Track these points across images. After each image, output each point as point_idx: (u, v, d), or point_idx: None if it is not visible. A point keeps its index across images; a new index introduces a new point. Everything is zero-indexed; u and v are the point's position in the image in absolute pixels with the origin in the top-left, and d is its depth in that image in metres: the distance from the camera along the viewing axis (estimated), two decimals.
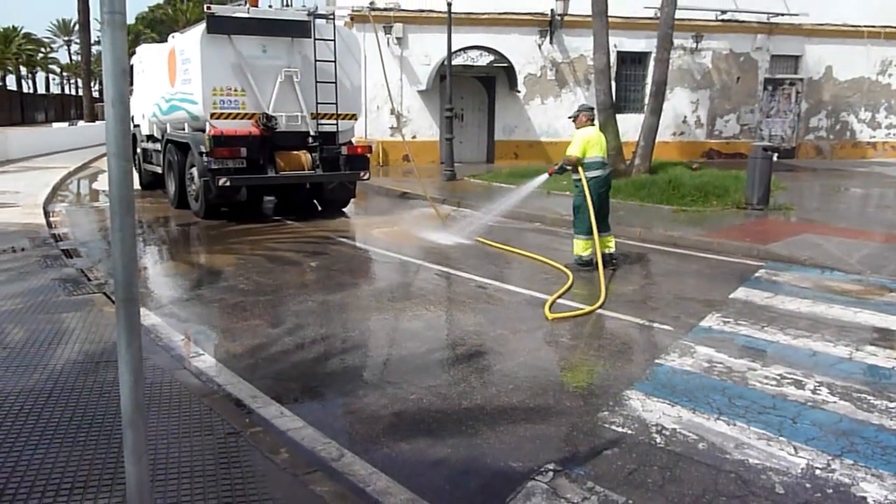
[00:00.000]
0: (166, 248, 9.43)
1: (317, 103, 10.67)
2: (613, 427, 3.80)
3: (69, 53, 75.56)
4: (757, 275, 7.35)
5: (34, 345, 4.72)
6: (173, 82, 11.37)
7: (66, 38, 73.23)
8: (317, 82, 10.62)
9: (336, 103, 10.77)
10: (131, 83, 13.36)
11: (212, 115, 10.22)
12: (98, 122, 33.11)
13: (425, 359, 4.89)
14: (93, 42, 42.64)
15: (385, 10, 17.74)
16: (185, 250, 9.38)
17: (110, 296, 5.93)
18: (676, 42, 17.55)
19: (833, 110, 21.80)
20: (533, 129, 19.59)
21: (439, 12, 16.07)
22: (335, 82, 10.75)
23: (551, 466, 3.35)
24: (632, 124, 16.99)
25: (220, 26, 10.10)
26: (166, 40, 12.65)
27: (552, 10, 18.76)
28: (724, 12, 19.96)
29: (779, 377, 4.50)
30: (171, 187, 12.10)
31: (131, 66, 13.64)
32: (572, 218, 7.75)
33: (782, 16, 20.30)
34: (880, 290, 6.71)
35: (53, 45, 74.01)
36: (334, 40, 10.74)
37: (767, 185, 11.11)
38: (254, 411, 3.98)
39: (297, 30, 10.60)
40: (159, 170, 12.93)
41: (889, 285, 6.84)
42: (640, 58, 19.81)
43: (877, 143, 22.38)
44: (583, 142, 7.40)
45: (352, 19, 17.18)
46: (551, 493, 3.13)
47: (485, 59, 18.16)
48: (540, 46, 19.28)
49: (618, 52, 18.75)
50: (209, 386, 4.30)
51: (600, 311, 6.04)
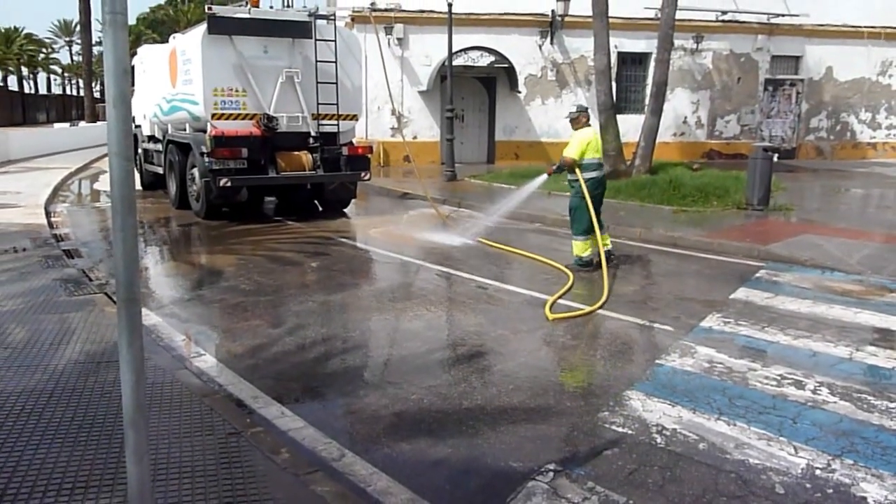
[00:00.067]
0: (167, 249, 9.44)
1: (318, 104, 10.67)
2: (614, 427, 3.80)
3: (70, 54, 75.80)
4: (757, 275, 7.35)
5: (36, 345, 4.73)
6: (174, 83, 11.38)
7: (68, 39, 73.39)
8: (318, 83, 10.63)
9: (337, 104, 10.78)
10: (133, 83, 13.38)
11: (213, 116, 10.22)
12: (99, 123, 33.16)
13: (426, 359, 4.90)
14: (94, 42, 42.67)
15: (386, 10, 17.77)
16: (186, 250, 9.39)
17: (111, 296, 5.95)
18: (677, 43, 17.57)
19: (833, 111, 21.81)
20: (533, 130, 19.60)
21: (440, 13, 16.08)
22: (336, 83, 10.76)
23: (552, 466, 3.36)
24: (632, 125, 17.00)
25: (221, 27, 10.10)
26: (167, 41, 12.67)
27: (553, 10, 18.78)
28: (724, 13, 19.97)
29: (779, 377, 4.50)
30: (173, 188, 12.13)
31: (132, 67, 13.66)
32: (569, 219, 7.75)
33: (783, 16, 20.31)
34: (880, 290, 6.71)
35: (55, 46, 74.32)
36: (335, 41, 10.74)
37: (768, 185, 11.11)
38: (255, 411, 3.99)
39: (298, 30, 10.61)
40: (160, 170, 12.95)
41: (889, 286, 6.85)
42: (640, 58, 19.81)
43: (877, 143, 22.38)
44: (581, 144, 7.39)
45: (352, 20, 17.20)
46: (552, 493, 3.13)
47: (485, 60, 18.17)
48: (540, 47, 19.29)
49: (618, 53, 18.75)
50: (210, 386, 4.31)
51: (601, 311, 6.04)
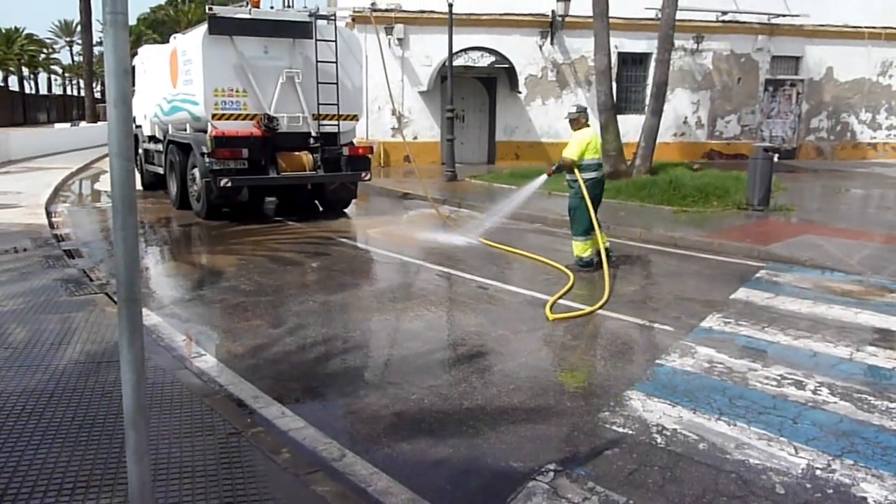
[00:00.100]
0: (168, 249, 9.44)
1: (318, 104, 10.67)
2: (614, 427, 3.80)
3: (71, 54, 75.84)
4: (758, 275, 7.35)
5: (36, 345, 4.73)
6: (175, 83, 11.38)
7: (68, 39, 73.43)
8: (318, 83, 10.63)
9: (337, 104, 10.78)
10: (133, 84, 13.39)
11: (213, 116, 10.22)
12: (100, 123, 33.19)
13: (426, 359, 4.90)
14: (95, 43, 42.68)
15: (386, 10, 17.79)
16: (186, 251, 9.39)
17: (112, 296, 5.95)
18: (677, 43, 17.58)
19: (834, 111, 21.80)
20: (534, 130, 19.60)
21: (440, 13, 16.09)
22: (336, 83, 10.76)
23: (552, 466, 3.36)
24: (633, 125, 17.00)
25: (221, 27, 10.10)
26: (168, 41, 12.67)
27: (553, 11, 18.79)
28: (724, 13, 19.98)
29: (779, 378, 4.50)
30: (173, 188, 12.13)
31: (133, 67, 13.67)
32: (568, 220, 7.75)
33: (783, 17, 20.31)
34: (881, 290, 6.71)
35: (55, 46, 74.38)
36: (335, 41, 10.74)
37: (768, 185, 11.11)
38: (255, 411, 3.99)
39: (299, 31, 10.61)
40: (161, 170, 12.95)
41: (889, 286, 6.84)
42: (640, 59, 19.81)
43: (877, 144, 22.38)
44: (581, 144, 7.39)
45: (353, 20, 17.21)
46: (552, 493, 3.13)
47: (486, 60, 18.17)
48: (541, 47, 19.30)
49: (619, 53, 18.74)
50: (211, 386, 4.31)
51: (601, 311, 6.04)
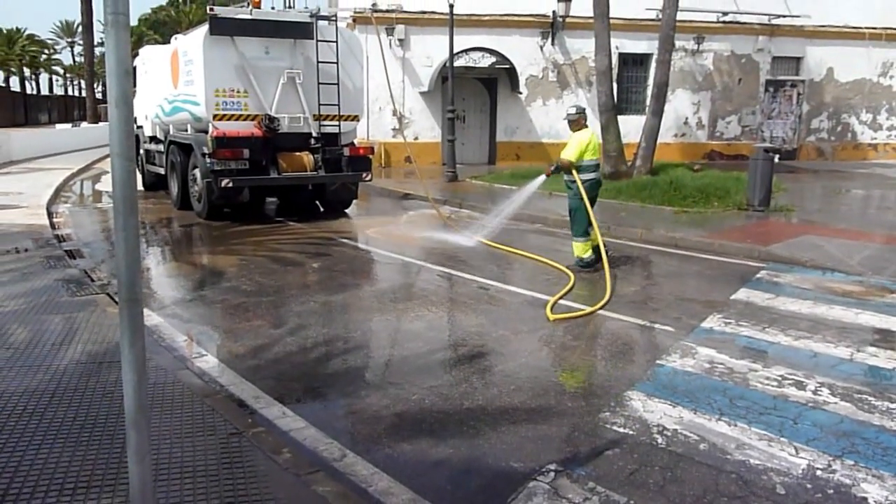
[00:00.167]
0: (169, 249, 9.45)
1: (319, 105, 10.68)
2: (615, 427, 3.81)
3: (72, 55, 75.86)
4: (758, 276, 7.35)
5: (38, 345, 4.74)
6: (176, 84, 11.39)
7: (70, 40, 73.46)
8: (319, 84, 10.64)
9: (338, 105, 10.79)
10: (134, 84, 13.40)
11: (214, 117, 10.23)
12: (101, 124, 33.25)
13: (427, 359, 4.90)
14: (96, 43, 42.78)
15: (387, 11, 17.81)
16: (187, 251, 9.40)
17: (113, 296, 5.96)
18: (678, 44, 17.58)
19: (834, 112, 21.80)
20: (535, 131, 19.61)
21: (441, 14, 16.11)
22: (337, 84, 10.76)
23: (553, 467, 3.36)
24: (633, 126, 17.00)
25: (222, 28, 10.11)
26: (169, 42, 12.68)
27: (554, 11, 18.80)
28: (725, 14, 19.98)
29: (780, 378, 4.50)
30: (174, 188, 12.14)
31: (134, 68, 13.67)
32: (569, 221, 7.75)
33: (784, 17, 20.32)
34: (881, 291, 6.71)
35: (57, 47, 74.38)
36: (336, 42, 10.74)
37: (769, 186, 11.11)
38: (256, 412, 3.99)
39: (300, 31, 10.62)
40: (162, 171, 12.96)
41: (890, 286, 6.84)
42: (641, 59, 19.82)
43: (878, 144, 22.37)
44: (580, 145, 7.38)
45: (354, 21, 17.23)
46: (553, 493, 3.14)
47: (486, 61, 18.19)
48: (542, 48, 19.31)
49: (619, 54, 18.75)
50: (212, 386, 4.31)
51: (601, 312, 6.05)
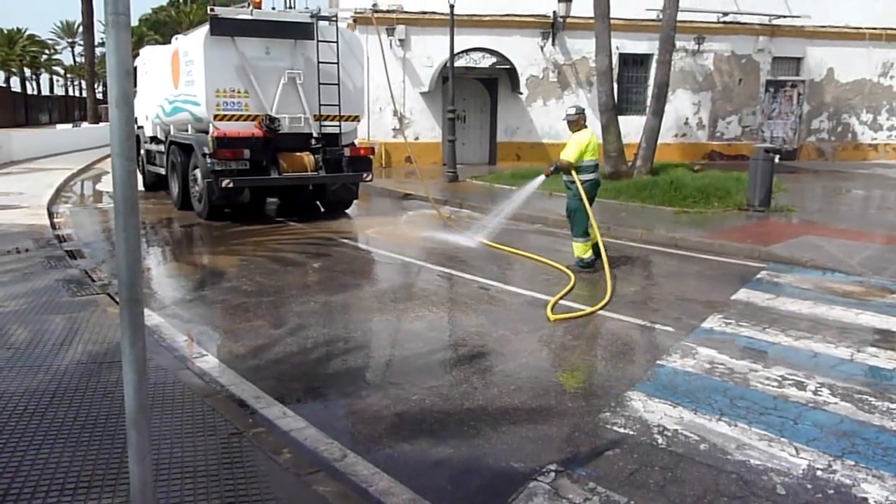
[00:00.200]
0: (170, 249, 9.45)
1: (319, 105, 10.68)
2: (615, 428, 3.81)
3: (73, 55, 75.87)
4: (758, 276, 7.35)
5: (38, 345, 4.74)
6: (177, 84, 11.39)
7: (70, 40, 73.48)
8: (320, 84, 10.64)
9: (339, 105, 10.79)
10: (135, 85, 13.41)
11: (215, 117, 10.23)
12: (102, 124, 33.25)
13: (427, 359, 4.90)
14: (97, 44, 42.80)
15: (388, 11, 17.82)
16: (188, 251, 9.40)
17: (114, 296, 5.96)
18: (678, 44, 17.58)
19: (834, 112, 21.79)
20: (535, 131, 19.61)
21: (442, 14, 16.12)
22: (338, 84, 10.76)
23: (553, 467, 3.37)
24: (634, 126, 17.00)
25: (223, 28, 10.11)
26: (170, 42, 12.69)
27: (554, 11, 18.80)
28: (725, 14, 19.98)
29: (780, 378, 4.50)
30: (175, 189, 12.15)
31: (135, 68, 13.68)
32: (568, 222, 7.75)
33: (784, 18, 20.31)
34: (881, 291, 6.71)
35: (57, 47, 74.41)
36: (337, 42, 10.74)
37: (769, 186, 11.11)
38: (257, 412, 3.99)
39: (300, 32, 10.62)
40: (163, 171, 12.97)
41: (890, 287, 6.84)
42: (642, 59, 19.83)
43: (878, 144, 22.37)
44: (580, 146, 7.38)
45: (354, 21, 17.24)
46: (553, 493, 3.14)
47: (487, 61, 18.19)
48: (542, 48, 19.31)
49: (620, 54, 18.75)
50: (212, 386, 4.32)
51: (602, 312, 6.05)
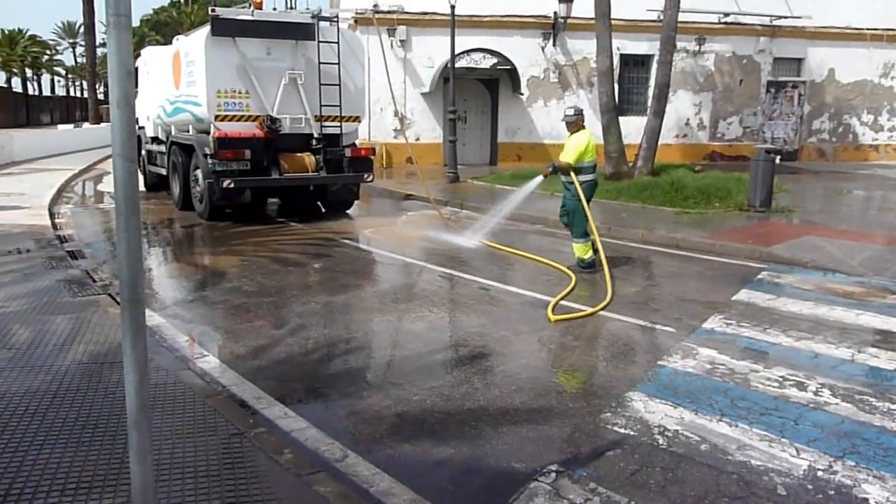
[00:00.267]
0: (171, 250, 9.46)
1: (320, 105, 10.69)
2: (616, 428, 3.81)
3: (74, 56, 75.89)
4: (759, 277, 7.35)
5: (39, 346, 4.75)
6: (178, 84, 11.40)
7: (72, 41, 73.49)
8: (320, 84, 10.65)
9: (340, 105, 10.80)
10: (136, 85, 13.41)
11: (216, 118, 10.24)
12: (103, 124, 33.26)
13: (428, 360, 4.91)
14: (98, 44, 42.89)
15: (389, 12, 17.82)
16: (189, 252, 9.41)
17: (115, 297, 5.96)
18: (679, 45, 17.57)
19: (835, 113, 21.77)
20: (536, 132, 19.60)
21: (443, 15, 16.12)
22: (339, 84, 10.77)
23: (554, 467, 3.37)
24: (634, 126, 16.98)
25: (224, 29, 10.13)
26: (171, 43, 12.70)
27: (555, 12, 18.79)
28: (726, 15, 19.96)
29: (781, 379, 4.50)
30: (176, 189, 12.16)
31: (136, 69, 13.69)
32: (568, 222, 7.74)
33: (785, 18, 20.29)
34: (882, 292, 6.71)
35: (58, 48, 74.38)
36: (338, 42, 10.75)
37: (770, 187, 11.10)
38: (258, 412, 4.00)
39: (301, 32, 10.63)
40: (164, 172, 12.98)
41: (891, 287, 6.84)
42: (642, 60, 19.82)
43: (879, 145, 22.33)
44: (579, 147, 7.36)
45: (355, 21, 17.23)
46: (554, 493, 3.14)
47: (488, 62, 18.18)
48: (543, 49, 19.31)
49: (621, 55, 18.74)
50: (213, 387, 4.32)
51: (603, 312, 6.05)
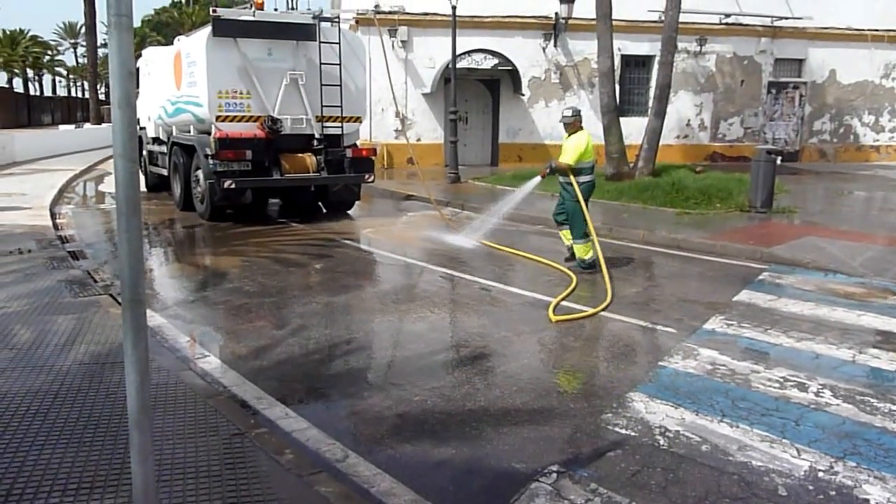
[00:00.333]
0: (172, 250, 9.46)
1: (322, 106, 10.69)
2: (617, 429, 3.81)
3: (76, 56, 75.93)
4: (760, 277, 7.35)
5: (41, 346, 4.75)
6: (179, 85, 11.41)
7: (73, 41, 73.54)
8: (322, 85, 10.65)
9: (341, 106, 10.80)
10: (137, 86, 13.42)
11: (217, 118, 10.24)
12: (104, 125, 33.31)
13: (429, 360, 4.91)
14: (99, 45, 42.89)
15: (390, 13, 17.84)
16: (190, 252, 9.41)
17: (116, 297, 5.96)
18: (680, 45, 17.56)
19: (836, 114, 21.77)
20: (537, 132, 19.60)
21: (444, 15, 16.13)
22: (340, 85, 10.78)
23: (555, 468, 3.37)
24: (635, 127, 16.98)
25: (225, 29, 10.13)
26: (172, 43, 12.71)
27: (556, 13, 18.79)
28: (727, 16, 19.97)
29: (782, 380, 4.50)
30: (177, 189, 12.16)
31: (137, 69, 13.70)
32: (554, 220, 7.75)
33: (786, 19, 20.29)
34: (883, 292, 6.71)
35: (60, 48, 74.43)
36: (339, 43, 10.76)
37: (771, 188, 11.10)
38: (259, 412, 4.00)
39: (302, 33, 10.63)
40: (165, 172, 12.98)
41: (892, 288, 6.84)
42: (643, 61, 19.82)
43: (880, 146, 22.33)
44: (578, 148, 7.38)
45: (357, 22, 17.24)
46: (555, 494, 3.14)
47: (489, 63, 18.18)
48: (544, 49, 19.31)
49: (622, 56, 18.76)
50: (214, 387, 4.32)
51: (604, 313, 6.04)
